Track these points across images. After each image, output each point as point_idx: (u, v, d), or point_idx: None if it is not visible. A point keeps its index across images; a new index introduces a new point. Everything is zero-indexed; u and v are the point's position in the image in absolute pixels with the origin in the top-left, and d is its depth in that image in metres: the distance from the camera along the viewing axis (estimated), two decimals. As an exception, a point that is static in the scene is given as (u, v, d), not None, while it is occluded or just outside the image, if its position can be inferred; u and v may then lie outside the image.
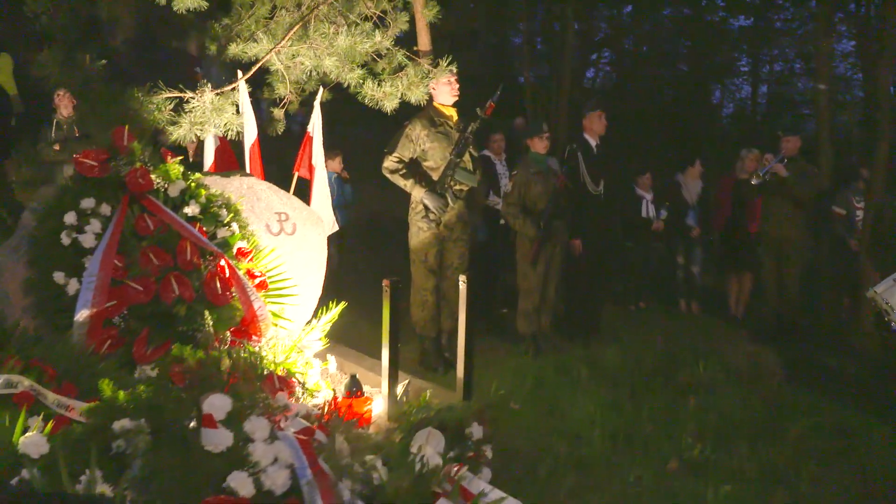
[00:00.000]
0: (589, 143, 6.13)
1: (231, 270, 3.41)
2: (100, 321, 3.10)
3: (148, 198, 3.48)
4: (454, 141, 5.14)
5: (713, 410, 4.91)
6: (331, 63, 3.97)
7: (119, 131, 3.45)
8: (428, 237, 5.16)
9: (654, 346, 6.35)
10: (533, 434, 4.27)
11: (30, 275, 3.23)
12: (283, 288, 3.81)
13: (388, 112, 4.82)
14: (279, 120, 4.92)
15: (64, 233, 3.24)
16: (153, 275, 3.24)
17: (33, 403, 2.72)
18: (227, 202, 3.81)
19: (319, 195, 5.87)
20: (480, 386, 4.97)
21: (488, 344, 6.15)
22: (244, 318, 3.39)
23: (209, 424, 2.05)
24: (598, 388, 5.11)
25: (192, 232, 3.45)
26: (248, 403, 2.20)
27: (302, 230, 4.23)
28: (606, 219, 6.17)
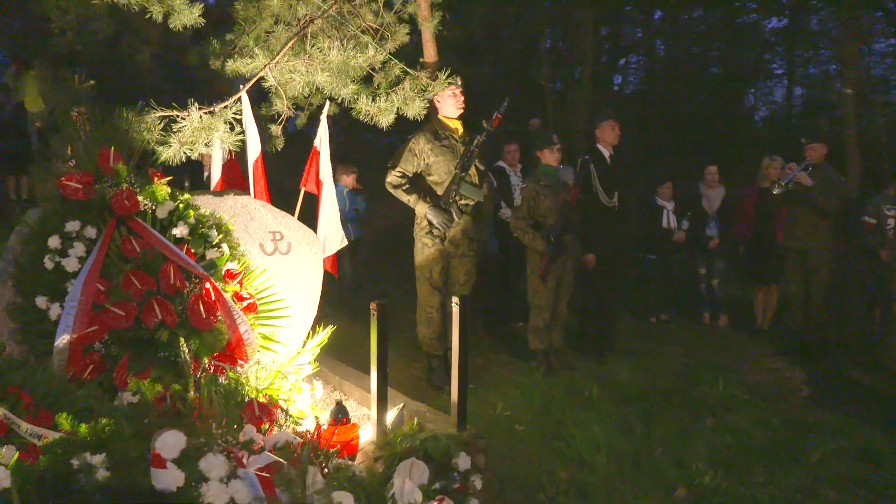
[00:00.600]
0: (602, 153, 5.97)
1: (217, 294, 3.34)
2: (80, 347, 3.05)
3: (135, 220, 3.43)
4: (459, 154, 5.03)
5: (730, 432, 4.73)
6: (323, 78, 3.89)
7: (104, 153, 3.41)
8: (432, 253, 5.06)
9: (671, 362, 6.17)
10: (535, 458, 4.14)
11: (14, 299, 3.20)
12: (274, 310, 3.73)
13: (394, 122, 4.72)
14: (277, 136, 4.85)
15: (47, 256, 3.20)
16: (135, 299, 3.18)
17: (6, 432, 2.68)
18: (217, 222, 3.74)
19: (327, 210, 5.80)
20: (486, 406, 4.87)
21: (500, 360, 6.05)
22: (229, 342, 3.32)
23: (157, 464, 1.96)
24: (609, 408, 4.96)
25: (179, 254, 3.39)
26: (204, 441, 2.11)
27: (297, 249, 4.15)
28: (621, 232, 6.00)
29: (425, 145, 4.99)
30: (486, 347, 6.36)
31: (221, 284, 3.45)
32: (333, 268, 5.96)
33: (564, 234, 5.52)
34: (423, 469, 2.88)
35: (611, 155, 5.97)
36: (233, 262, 3.65)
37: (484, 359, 6.03)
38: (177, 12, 4.29)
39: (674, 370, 5.97)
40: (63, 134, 3.54)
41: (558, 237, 5.47)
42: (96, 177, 3.38)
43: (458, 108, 5.05)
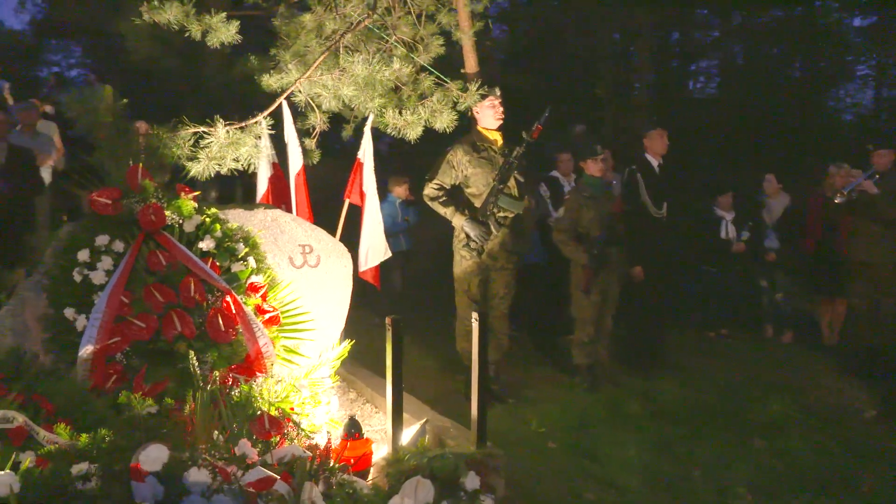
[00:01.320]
0: (650, 163, 5.80)
1: (237, 307, 3.40)
2: (103, 358, 3.16)
3: (162, 234, 3.53)
4: (498, 166, 4.97)
5: (778, 455, 4.50)
6: (349, 92, 3.92)
7: (133, 169, 3.53)
8: (470, 266, 5.01)
9: (724, 379, 5.91)
10: (563, 478, 4.02)
11: (46, 310, 3.34)
12: (298, 322, 3.77)
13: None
14: (312, 150, 4.91)
15: (76, 269, 3.33)
16: (156, 311, 3.27)
17: (27, 439, 2.79)
18: (245, 236, 3.81)
19: (371, 222, 5.83)
20: (520, 421, 4.78)
21: (543, 375, 5.93)
22: (248, 355, 3.37)
23: (136, 477, 1.99)
24: (649, 427, 4.78)
25: (203, 268, 3.47)
26: (188, 455, 2.13)
27: (326, 262, 4.19)
28: (670, 243, 5.79)
29: (463, 157, 4.95)
30: (531, 362, 6.25)
31: (243, 297, 3.50)
32: (376, 279, 6.00)
33: (609, 247, 5.37)
34: (429, 487, 2.84)
35: (660, 164, 5.79)
36: (258, 276, 3.70)
37: (527, 373, 5.92)
38: (214, 30, 4.42)
39: (726, 388, 5.71)
40: (98, 150, 3.68)
41: (602, 249, 5.32)
42: (124, 192, 3.50)
43: (496, 119, 4.99)
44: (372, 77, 3.87)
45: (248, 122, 3.99)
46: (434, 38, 4.53)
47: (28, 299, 3.44)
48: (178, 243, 3.54)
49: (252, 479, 2.32)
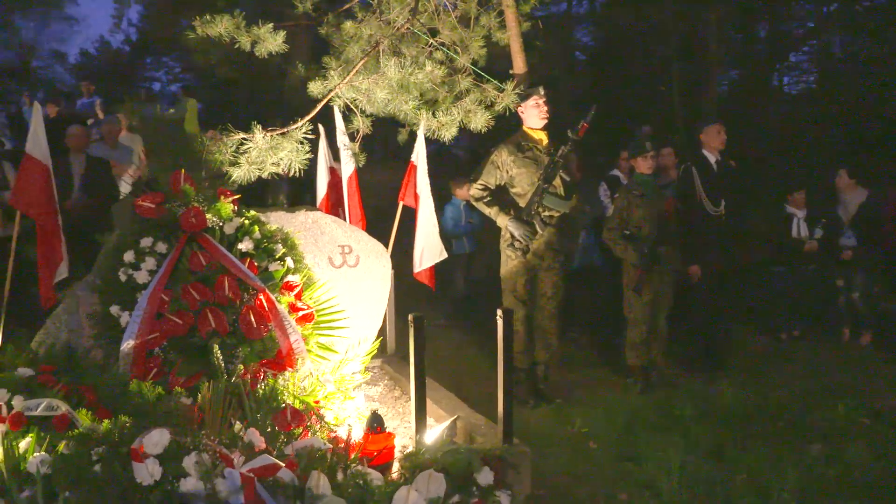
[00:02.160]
0: (708, 159, 5.63)
1: (270, 304, 3.55)
2: (143, 352, 3.36)
3: (203, 236, 3.72)
4: (543, 165, 4.95)
5: (836, 462, 4.26)
6: (382, 95, 4.01)
7: (176, 175, 3.74)
8: (516, 266, 5.01)
9: (790, 382, 5.66)
10: (598, 478, 3.97)
11: (95, 307, 3.59)
12: (333, 320, 3.89)
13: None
14: (357, 153, 5.04)
15: (121, 269, 3.56)
16: (192, 308, 3.46)
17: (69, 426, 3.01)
18: (285, 237, 3.97)
19: (425, 224, 5.93)
20: (564, 422, 4.74)
21: (597, 376, 5.85)
22: (279, 351, 3.51)
23: (136, 458, 2.13)
24: (699, 430, 4.63)
25: (240, 268, 3.64)
26: (190, 440, 2.26)
27: (365, 262, 4.30)
28: (729, 242, 5.60)
29: (508, 157, 4.97)
30: (587, 363, 6.18)
31: (277, 296, 3.65)
32: (431, 280, 6.08)
33: (660, 245, 5.26)
34: (441, 481, 2.88)
35: (717, 161, 5.61)
36: (294, 275, 3.84)
37: (582, 374, 5.85)
38: (262, 41, 4.62)
39: (791, 391, 5.47)
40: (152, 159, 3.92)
41: (653, 248, 5.22)
42: (167, 196, 3.71)
43: (541, 118, 4.98)
44: (405, 80, 3.95)
45: (290, 128, 4.14)
46: (474, 41, 4.55)
47: (82, 298, 3.70)
48: (218, 245, 3.72)
49: (255, 466, 2.43)
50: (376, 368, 5.30)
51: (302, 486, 2.57)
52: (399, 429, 4.10)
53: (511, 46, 5.28)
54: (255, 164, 3.90)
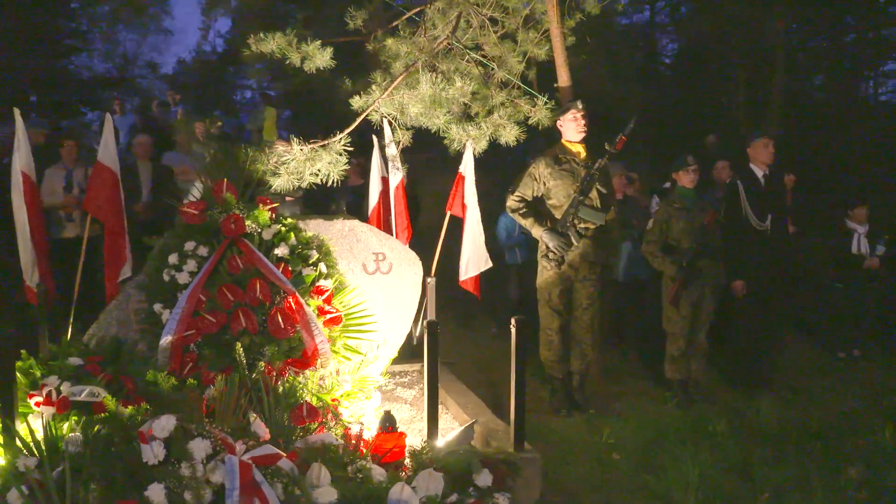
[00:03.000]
0: (755, 173, 5.56)
1: (298, 307, 3.77)
2: (180, 347, 3.64)
3: (243, 241, 3.99)
4: (580, 178, 5.02)
5: (871, 487, 4.14)
6: (416, 110, 4.19)
7: (218, 184, 4.03)
8: (551, 276, 5.09)
9: (840, 402, 5.51)
10: (614, 489, 4.01)
11: (141, 305, 3.91)
12: (362, 324, 4.08)
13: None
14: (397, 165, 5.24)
15: (165, 270, 3.86)
16: (225, 308, 3.72)
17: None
18: (320, 244, 4.19)
19: (471, 233, 6.07)
20: (593, 431, 4.78)
21: (638, 388, 5.85)
22: (304, 350, 3.72)
23: (142, 440, 2.37)
24: (731, 447, 4.57)
25: (273, 271, 3.88)
26: (194, 427, 2.48)
27: (398, 269, 4.49)
28: (775, 256, 5.50)
29: (545, 169, 5.06)
30: (629, 375, 6.17)
31: (307, 299, 3.87)
32: (476, 288, 6.21)
33: (700, 259, 5.22)
34: (439, 480, 3.02)
35: (765, 175, 5.53)
36: (326, 280, 4.06)
37: (622, 386, 5.86)
38: (310, 57, 4.89)
39: (838, 411, 5.33)
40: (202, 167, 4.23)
41: (692, 261, 5.20)
42: (209, 204, 4.00)
43: (578, 131, 5.04)
44: (437, 95, 4.12)
45: (329, 140, 4.37)
46: (513, 56, 4.68)
47: (132, 295, 4.03)
48: (256, 249, 3.98)
49: (257, 455, 2.64)
50: (415, 372, 5.48)
51: (301, 476, 2.76)
52: (424, 431, 4.27)
53: (556, 60, 5.37)
54: (293, 175, 4.13)
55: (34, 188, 5.08)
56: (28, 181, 4.97)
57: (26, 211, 4.93)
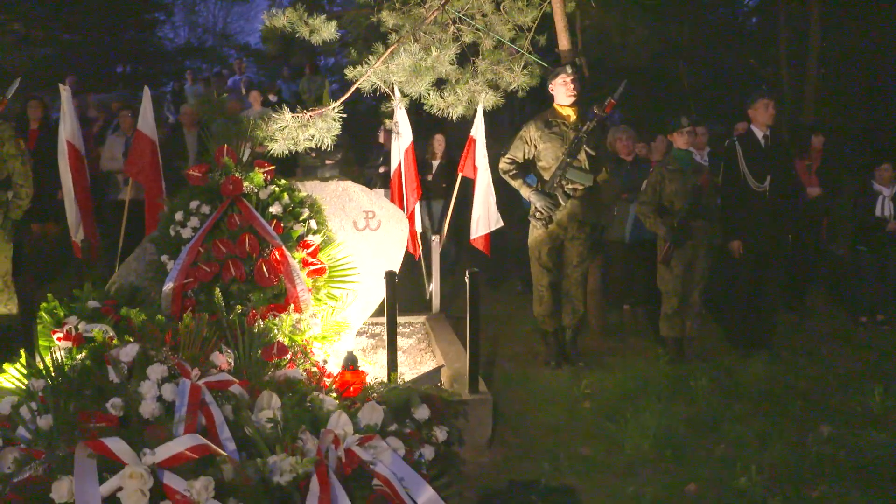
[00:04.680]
0: (755, 134, 5.59)
1: (283, 259, 4.21)
2: (180, 293, 4.16)
3: (241, 200, 4.46)
4: (569, 141, 5.22)
5: (837, 443, 4.17)
6: (397, 78, 4.52)
7: (220, 149, 4.50)
8: (540, 235, 5.34)
9: (838, 364, 5.55)
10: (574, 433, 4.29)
11: (152, 257, 4.46)
12: (345, 274, 4.50)
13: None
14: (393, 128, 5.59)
15: (171, 226, 4.38)
16: (218, 259, 4.21)
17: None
18: (312, 203, 4.62)
19: (482, 194, 6.38)
20: (573, 383, 5.04)
21: (636, 345, 6.05)
22: (287, 297, 4.18)
23: (107, 362, 2.88)
24: (707, 403, 4.71)
25: (265, 227, 4.33)
26: (153, 354, 2.97)
27: (386, 226, 4.87)
28: (774, 218, 5.54)
29: (535, 133, 5.28)
30: (630, 332, 6.37)
31: (293, 252, 4.31)
32: (486, 247, 6.56)
33: (693, 220, 5.35)
34: (380, 412, 3.42)
35: (765, 136, 5.55)
36: (315, 236, 4.49)
37: (620, 342, 6.08)
38: (317, 30, 5.27)
39: (834, 373, 5.37)
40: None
41: (684, 222, 5.33)
42: (211, 167, 4.48)
43: (568, 95, 5.23)
44: (417, 65, 4.43)
45: (324, 109, 4.77)
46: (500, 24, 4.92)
47: (147, 248, 4.59)
48: (252, 208, 4.44)
49: (211, 380, 3.11)
50: (419, 324, 5.89)
51: (252, 400, 3.21)
52: (406, 374, 4.68)
53: (556, 26, 5.56)
54: (289, 140, 4.56)
55: (79, 155, 5.73)
56: (73, 149, 5.62)
57: (71, 176, 5.58)
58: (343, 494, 2.75)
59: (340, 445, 3.02)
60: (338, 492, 2.75)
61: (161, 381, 2.93)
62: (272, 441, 2.93)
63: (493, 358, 5.65)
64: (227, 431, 2.92)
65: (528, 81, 5.05)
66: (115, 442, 2.37)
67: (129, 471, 2.28)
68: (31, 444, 2.82)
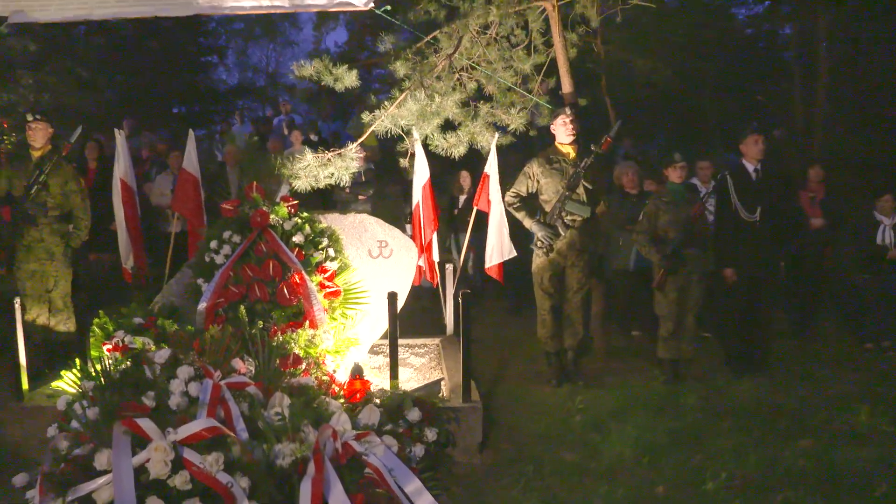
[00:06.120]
0: (746, 168, 5.98)
1: (301, 282, 4.78)
2: (212, 311, 4.75)
3: (268, 231, 5.05)
4: (568, 176, 5.70)
5: (812, 457, 4.44)
6: (405, 122, 5.09)
7: (250, 185, 5.11)
8: (542, 262, 5.80)
9: (831, 386, 5.79)
10: (561, 442, 4.69)
11: (190, 280, 5.07)
12: (358, 297, 5.03)
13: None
14: (409, 168, 6.13)
15: (206, 253, 4.99)
16: (245, 282, 4.79)
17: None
18: (331, 233, 5.19)
19: (496, 225, 6.86)
20: (570, 399, 5.44)
21: (637, 366, 6.36)
22: (305, 315, 4.72)
23: (143, 363, 3.45)
24: (692, 419, 5.03)
25: (288, 254, 4.91)
26: (182, 358, 3.53)
27: (397, 254, 5.40)
28: (765, 247, 5.90)
29: (537, 168, 5.78)
30: (633, 354, 6.71)
31: (312, 277, 4.87)
32: (500, 275, 7.00)
33: (685, 248, 5.74)
34: (377, 413, 3.92)
35: (756, 169, 5.93)
36: (333, 262, 5.05)
37: (621, 364, 6.43)
38: (340, 79, 5.89)
39: (824, 394, 5.62)
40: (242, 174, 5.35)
41: (677, 250, 5.72)
42: (242, 201, 5.10)
43: (568, 134, 5.72)
44: (423, 110, 4.99)
45: (344, 149, 5.37)
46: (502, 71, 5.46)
47: (186, 273, 5.21)
48: (278, 238, 5.03)
49: (231, 381, 3.65)
50: (434, 345, 6.36)
51: (266, 400, 3.74)
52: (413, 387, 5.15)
53: (560, 70, 6.09)
54: (310, 177, 5.15)
55: (130, 192, 6.44)
56: (125, 186, 6.33)
57: (123, 210, 6.28)
58: (335, 477, 3.24)
59: (338, 439, 3.52)
60: (331, 475, 3.24)
61: (188, 380, 3.49)
62: (279, 432, 3.44)
63: (500, 376, 6.09)
64: (242, 423, 3.44)
65: (524, 122, 5.56)
66: (145, 422, 2.92)
67: (156, 445, 2.83)
68: (81, 431, 3.40)
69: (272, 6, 5.88)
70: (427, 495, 3.52)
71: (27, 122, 5.71)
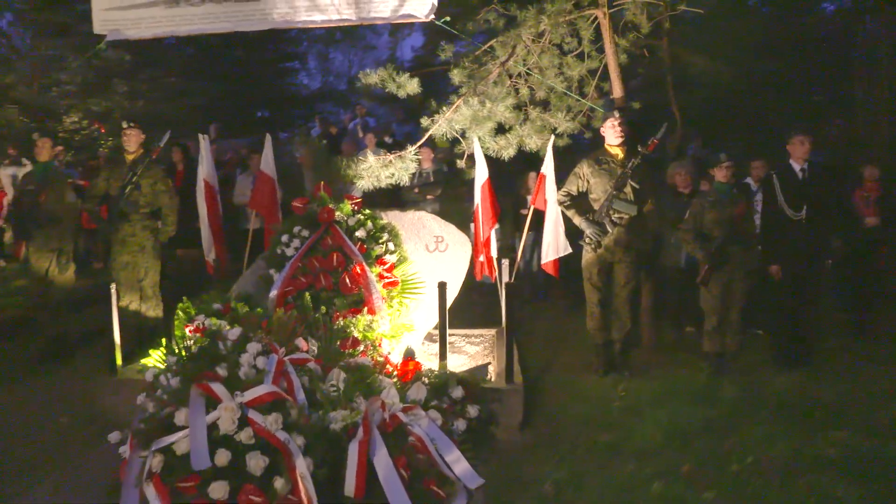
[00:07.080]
0: (793, 168, 6.12)
1: (363, 272, 5.26)
2: (282, 298, 5.29)
3: (334, 226, 5.56)
4: (616, 176, 5.99)
5: (846, 447, 4.57)
6: (459, 126, 5.50)
7: (318, 185, 5.64)
8: (591, 258, 6.11)
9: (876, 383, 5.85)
10: (597, 425, 4.99)
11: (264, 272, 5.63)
12: (414, 287, 5.48)
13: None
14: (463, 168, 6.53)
15: (278, 247, 5.54)
16: (311, 272, 5.30)
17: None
18: (391, 229, 5.66)
19: (551, 223, 7.20)
20: (613, 387, 5.73)
21: (684, 360, 6.54)
22: (364, 302, 5.20)
23: (217, 339, 3.98)
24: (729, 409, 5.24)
25: (351, 247, 5.41)
26: (252, 336, 4.05)
27: (452, 249, 5.83)
28: (809, 244, 6.03)
29: (587, 169, 6.09)
30: (681, 348, 6.89)
31: (372, 268, 5.35)
32: (555, 270, 7.33)
33: (729, 245, 5.94)
34: (423, 390, 4.36)
35: (802, 169, 6.07)
36: (392, 255, 5.52)
37: (667, 357, 6.64)
38: (402, 86, 6.36)
39: (867, 390, 5.70)
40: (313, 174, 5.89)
41: (721, 247, 5.93)
42: (310, 199, 5.63)
43: (616, 137, 6.01)
44: (476, 115, 5.40)
45: (404, 152, 5.83)
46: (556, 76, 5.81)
47: (260, 264, 5.78)
48: (342, 233, 5.54)
49: (294, 357, 4.14)
50: (489, 335, 6.75)
51: (325, 375, 4.23)
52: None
53: (610, 75, 6.38)
54: (372, 178, 5.64)
55: (213, 192, 7.08)
56: (208, 187, 6.98)
57: (206, 208, 6.94)
58: (381, 442, 3.68)
59: (387, 410, 3.97)
60: (377, 439, 3.69)
61: (256, 354, 4.00)
62: (334, 402, 3.92)
63: (549, 365, 6.43)
64: (303, 394, 3.93)
65: (573, 127, 5.88)
66: (217, 386, 3.44)
67: (225, 405, 3.34)
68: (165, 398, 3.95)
69: (341, 19, 6.41)
70: (465, 463, 3.93)
71: (122, 128, 6.42)
